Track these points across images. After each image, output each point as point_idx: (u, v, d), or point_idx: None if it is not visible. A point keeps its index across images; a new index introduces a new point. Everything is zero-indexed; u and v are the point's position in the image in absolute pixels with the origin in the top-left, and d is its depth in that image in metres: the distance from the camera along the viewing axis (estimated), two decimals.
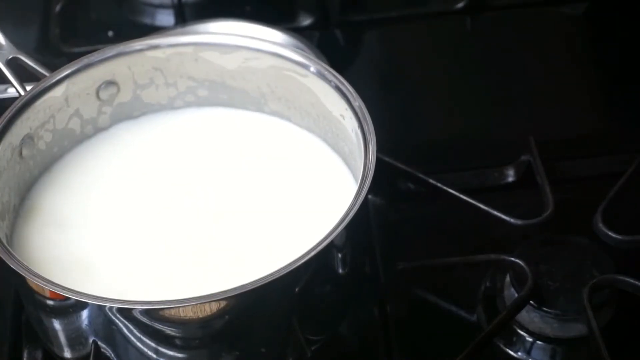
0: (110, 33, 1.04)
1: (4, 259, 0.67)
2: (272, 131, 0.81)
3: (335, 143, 0.79)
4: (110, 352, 0.68)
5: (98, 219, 0.76)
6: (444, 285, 0.81)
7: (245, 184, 0.78)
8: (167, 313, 0.64)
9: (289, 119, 0.81)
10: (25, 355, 0.79)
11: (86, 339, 0.68)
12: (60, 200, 0.77)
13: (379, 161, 0.70)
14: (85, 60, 0.78)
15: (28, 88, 0.77)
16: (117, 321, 0.66)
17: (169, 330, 0.65)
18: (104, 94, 0.80)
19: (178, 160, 0.80)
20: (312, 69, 0.77)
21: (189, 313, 0.64)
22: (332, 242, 0.66)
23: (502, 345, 0.78)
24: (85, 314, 0.67)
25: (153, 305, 0.64)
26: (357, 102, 0.73)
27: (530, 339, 0.77)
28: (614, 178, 0.85)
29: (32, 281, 0.66)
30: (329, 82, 0.76)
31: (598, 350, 0.73)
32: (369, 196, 0.83)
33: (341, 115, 0.76)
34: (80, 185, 0.78)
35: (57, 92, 0.77)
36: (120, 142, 0.81)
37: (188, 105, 0.83)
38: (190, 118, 0.83)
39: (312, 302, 0.70)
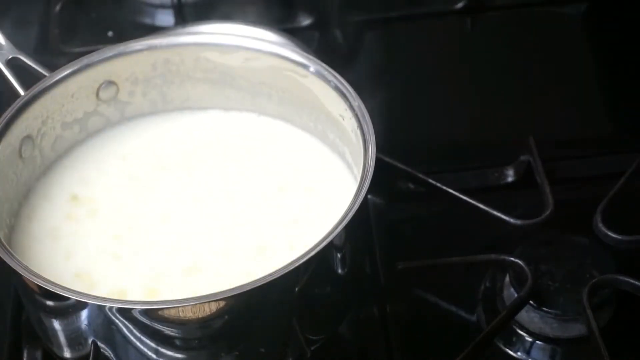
0: (110, 33, 1.04)
1: (4, 259, 0.67)
2: (271, 131, 0.81)
3: (335, 143, 0.79)
4: (110, 352, 0.68)
5: (98, 219, 0.76)
6: (444, 285, 0.81)
7: (245, 185, 0.78)
8: (166, 313, 0.64)
9: (288, 119, 0.82)
10: (25, 355, 0.79)
11: (86, 339, 0.68)
12: (60, 200, 0.77)
13: (378, 161, 0.70)
14: (85, 60, 0.78)
15: (28, 88, 0.77)
16: (116, 321, 0.66)
17: (168, 331, 0.65)
18: (104, 94, 0.80)
19: (177, 162, 0.80)
20: (312, 69, 0.77)
21: (188, 313, 0.64)
22: (331, 242, 0.66)
23: (502, 345, 0.78)
24: (85, 314, 0.67)
25: (152, 305, 0.64)
26: (357, 102, 0.73)
27: (530, 339, 0.77)
28: (614, 178, 0.85)
29: (32, 281, 0.66)
30: (328, 82, 0.76)
31: (598, 350, 0.73)
32: (369, 196, 0.83)
33: (341, 115, 0.76)
34: (80, 185, 0.78)
35: (57, 92, 0.77)
36: (120, 142, 0.81)
37: (188, 105, 0.83)
38: (190, 118, 0.83)
39: (312, 302, 0.70)
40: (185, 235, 0.74)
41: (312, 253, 0.65)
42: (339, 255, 0.69)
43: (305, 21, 1.04)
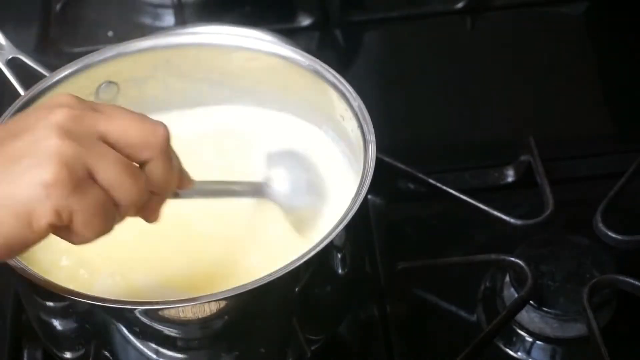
0: (110, 33, 1.04)
1: None
2: (271, 131, 0.81)
3: (335, 143, 0.79)
4: (110, 352, 0.68)
5: None
6: (444, 285, 0.81)
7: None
8: (166, 313, 0.64)
9: (288, 119, 0.81)
10: (25, 355, 0.79)
11: (86, 339, 0.68)
12: None
13: (379, 161, 0.70)
14: (85, 60, 0.78)
15: (28, 88, 0.77)
16: (117, 321, 0.66)
17: (168, 331, 0.65)
18: (104, 94, 0.80)
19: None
20: (311, 69, 0.77)
21: (188, 313, 0.64)
22: (332, 242, 0.66)
23: (502, 345, 0.78)
24: (85, 314, 0.67)
25: (153, 306, 0.64)
26: (357, 102, 0.73)
27: (530, 339, 0.77)
28: (614, 178, 0.85)
29: (32, 281, 0.66)
30: (328, 82, 0.76)
31: (598, 350, 0.73)
32: (369, 196, 0.83)
33: (341, 115, 0.76)
34: None
35: (57, 92, 0.77)
36: None
37: (188, 105, 0.83)
38: (190, 118, 0.83)
39: (312, 302, 0.70)
40: (185, 230, 0.74)
41: (312, 253, 0.65)
42: (339, 255, 0.69)
43: (305, 21, 1.04)
